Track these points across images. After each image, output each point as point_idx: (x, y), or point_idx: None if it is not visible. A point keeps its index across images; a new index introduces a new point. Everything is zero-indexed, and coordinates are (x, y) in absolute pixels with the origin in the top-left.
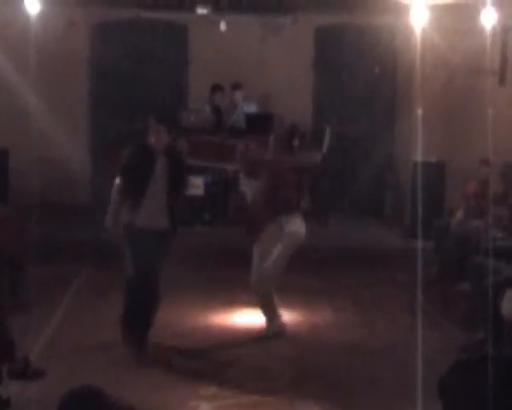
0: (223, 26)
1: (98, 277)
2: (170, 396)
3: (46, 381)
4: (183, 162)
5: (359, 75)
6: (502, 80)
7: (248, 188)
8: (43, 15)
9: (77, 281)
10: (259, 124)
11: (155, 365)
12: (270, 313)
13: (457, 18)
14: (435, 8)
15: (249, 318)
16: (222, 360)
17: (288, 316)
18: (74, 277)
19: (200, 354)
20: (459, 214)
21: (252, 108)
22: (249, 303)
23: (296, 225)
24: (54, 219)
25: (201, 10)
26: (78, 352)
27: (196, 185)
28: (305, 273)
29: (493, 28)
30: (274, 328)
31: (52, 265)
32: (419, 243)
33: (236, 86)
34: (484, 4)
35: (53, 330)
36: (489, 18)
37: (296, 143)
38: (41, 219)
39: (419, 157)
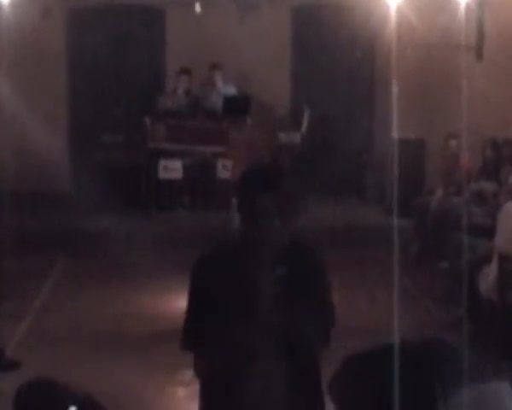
0: (197, 8)
1: (75, 266)
2: (147, 383)
3: (21, 372)
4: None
5: (337, 55)
6: (479, 55)
7: None
8: (16, 3)
9: (54, 271)
10: (236, 106)
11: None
12: None
13: None
14: None
15: None
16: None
17: None
18: (51, 267)
19: (176, 338)
20: (438, 192)
21: (231, 90)
22: None
23: None
24: (31, 209)
25: None
26: (54, 343)
27: (175, 169)
28: None
29: (468, 4)
30: None
31: (28, 255)
32: (394, 222)
33: (215, 67)
34: None
35: (29, 321)
36: None
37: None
38: (18, 208)
39: (397, 134)
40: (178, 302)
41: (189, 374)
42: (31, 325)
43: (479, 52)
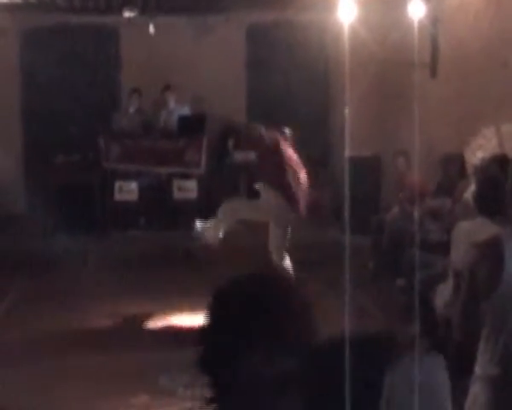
0: (151, 29)
1: (31, 287)
2: (100, 406)
3: None
4: None
5: (292, 72)
6: (433, 73)
7: None
8: None
9: (9, 292)
10: (192, 125)
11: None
12: None
13: (385, 12)
14: (363, 2)
15: (184, 322)
16: (154, 366)
17: None
18: (7, 288)
19: (133, 360)
20: (394, 209)
21: (185, 111)
22: (184, 308)
23: None
24: None
25: (128, 13)
26: (10, 363)
27: (130, 190)
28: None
29: (421, 21)
30: None
31: None
32: (347, 240)
33: (167, 88)
34: None
35: None
36: (417, 10)
37: (231, 143)
38: None
39: (353, 152)
40: (132, 321)
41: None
42: None
43: (433, 69)
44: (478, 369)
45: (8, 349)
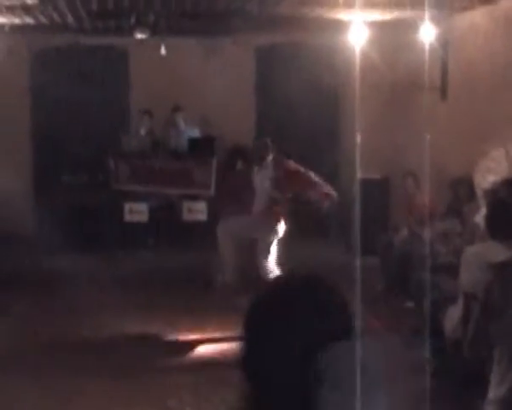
0: (163, 51)
1: (39, 307)
2: None
3: None
4: None
5: (302, 93)
6: (443, 95)
7: None
8: None
9: (17, 312)
10: (201, 147)
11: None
12: None
13: (396, 35)
14: (374, 25)
15: (192, 343)
16: (162, 387)
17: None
18: (14, 307)
19: (140, 380)
20: (403, 231)
21: (195, 132)
22: (192, 328)
23: None
24: None
25: (140, 35)
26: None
27: (140, 211)
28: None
29: (431, 44)
30: None
31: None
32: (357, 261)
33: (177, 109)
34: (422, 20)
35: None
36: (427, 33)
37: (239, 165)
38: None
39: (362, 174)
40: (141, 343)
41: None
42: None
43: (443, 91)
44: (491, 392)
45: (11, 366)
